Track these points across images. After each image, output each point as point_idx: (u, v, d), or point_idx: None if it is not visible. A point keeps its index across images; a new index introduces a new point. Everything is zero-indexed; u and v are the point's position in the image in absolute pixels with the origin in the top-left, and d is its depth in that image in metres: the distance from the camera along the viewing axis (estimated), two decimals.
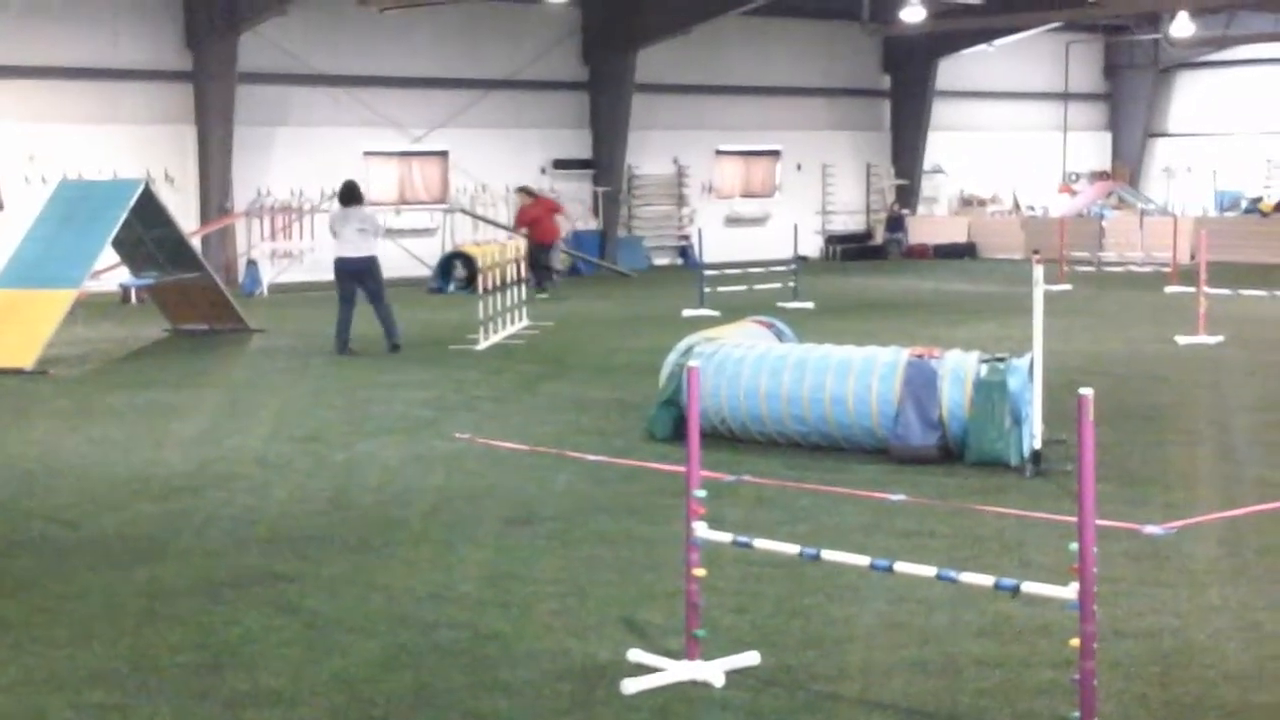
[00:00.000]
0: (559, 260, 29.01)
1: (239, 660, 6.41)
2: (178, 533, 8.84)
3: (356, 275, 17.87)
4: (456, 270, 28.36)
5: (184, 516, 9.28)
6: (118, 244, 19.58)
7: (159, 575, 7.85)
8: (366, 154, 32.45)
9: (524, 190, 28.88)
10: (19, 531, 8.93)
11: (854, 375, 11.06)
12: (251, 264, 29.05)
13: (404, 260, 29.94)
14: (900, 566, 5.89)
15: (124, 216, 18.54)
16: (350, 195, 18.22)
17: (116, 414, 13.56)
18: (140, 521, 9.18)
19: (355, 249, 17.85)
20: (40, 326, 17.16)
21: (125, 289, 23.94)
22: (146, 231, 19.56)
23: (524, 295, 21.43)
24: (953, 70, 39.86)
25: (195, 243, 22.62)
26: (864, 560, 6.04)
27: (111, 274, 22.08)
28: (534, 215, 27.49)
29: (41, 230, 18.70)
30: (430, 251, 31.17)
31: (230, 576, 7.81)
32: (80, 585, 7.65)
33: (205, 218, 29.56)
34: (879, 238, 39.04)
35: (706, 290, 23.10)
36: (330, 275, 18.49)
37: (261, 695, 5.95)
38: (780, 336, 12.90)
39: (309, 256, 29.40)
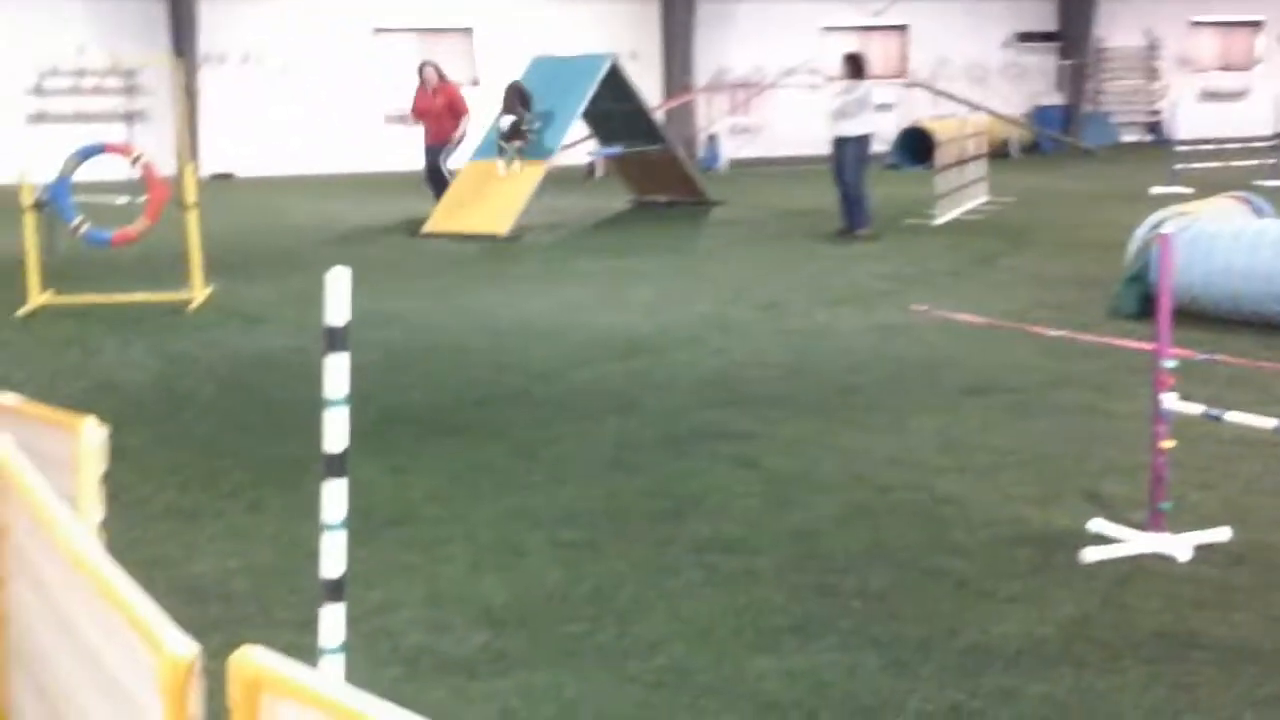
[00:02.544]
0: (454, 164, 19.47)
1: (701, 509, 6.64)
2: (643, 389, 9.19)
3: (865, 150, 17.30)
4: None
5: (648, 374, 9.63)
6: (587, 117, 20.28)
7: (626, 427, 8.19)
8: (824, 29, 32.35)
9: (431, 66, 19.92)
10: (498, 384, 9.46)
11: None
12: (711, 138, 29.55)
13: None
14: None
15: (593, 91, 19.17)
16: (858, 67, 17.45)
17: (584, 278, 14.13)
18: (608, 378, 9.58)
19: (868, 124, 17.24)
20: (516, 195, 18.01)
21: (591, 162, 24.80)
22: (614, 105, 20.16)
23: (983, 170, 21.01)
24: None
25: (659, 117, 23.16)
26: None
27: (580, 146, 22.88)
28: (430, 107, 19.56)
29: None
30: (888, 127, 30.93)
31: (692, 432, 8.07)
32: (554, 433, 8.07)
33: (668, 93, 30.21)
34: None
35: (1178, 167, 22.07)
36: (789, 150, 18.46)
37: (724, 542, 6.15)
38: (1259, 213, 12.24)
39: (767, 132, 29.65)
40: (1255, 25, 36.47)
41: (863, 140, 17.22)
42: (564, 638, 5.14)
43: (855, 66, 17.48)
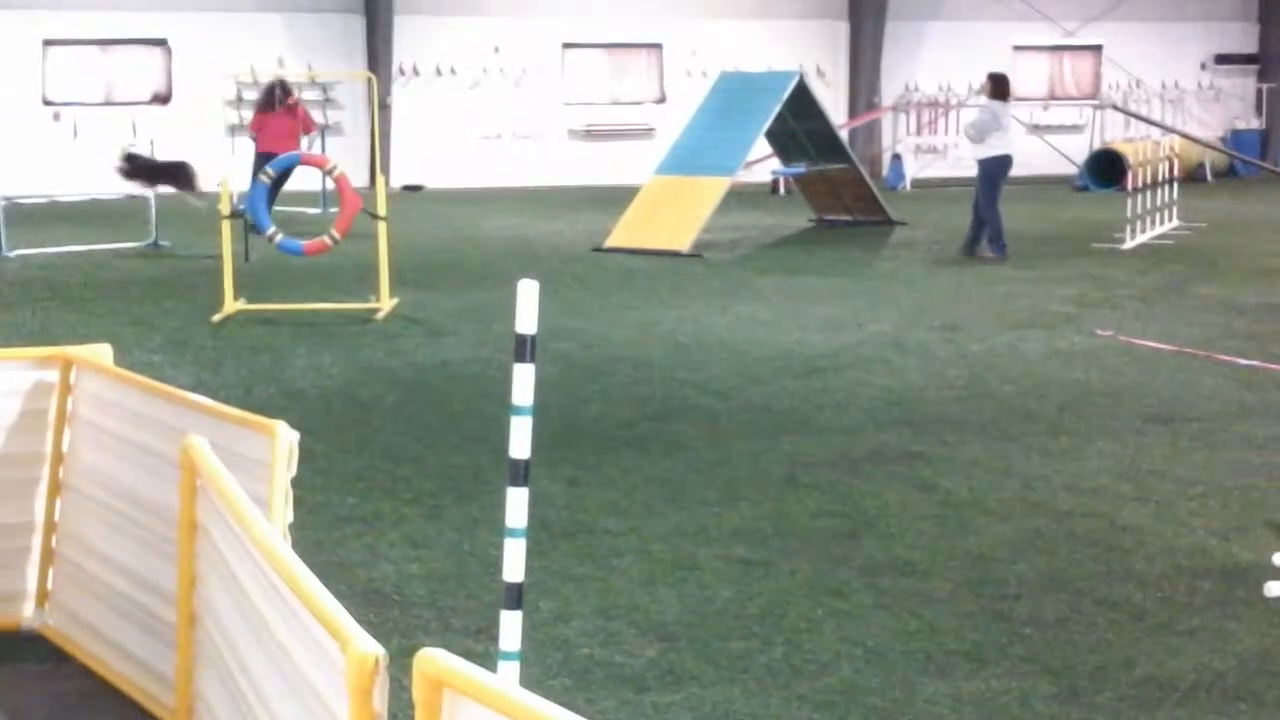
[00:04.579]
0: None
1: (875, 530, 6.63)
2: (819, 408, 9.18)
3: (1004, 172, 17.16)
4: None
5: (825, 393, 9.63)
6: (771, 135, 20.31)
7: (801, 446, 8.19)
8: (1016, 48, 31.94)
9: (279, 85, 19.51)
10: (675, 399, 9.54)
11: None
12: (896, 158, 29.35)
13: (1052, 157, 29.39)
14: None
15: (778, 108, 19.18)
16: (1003, 89, 17.54)
17: (763, 296, 14.15)
18: (784, 396, 9.59)
19: (1007, 145, 17.23)
20: (696, 212, 18.08)
21: (775, 178, 24.81)
22: (798, 123, 20.15)
23: (1174, 194, 20.58)
24: None
25: (843, 135, 23.08)
26: None
27: (763, 164, 22.90)
28: (275, 124, 18.81)
29: (701, 120, 19.66)
30: (1078, 148, 30.40)
31: (868, 452, 8.05)
32: (728, 451, 8.11)
33: (854, 111, 30.10)
34: None
35: None
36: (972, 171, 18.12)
37: (897, 565, 6.14)
38: None
39: (953, 152, 29.34)
40: None
41: (989, 162, 17.03)
42: (734, 654, 5.18)
43: (995, 87, 17.38)
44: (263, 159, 16.96)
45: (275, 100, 19.22)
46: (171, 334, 11.77)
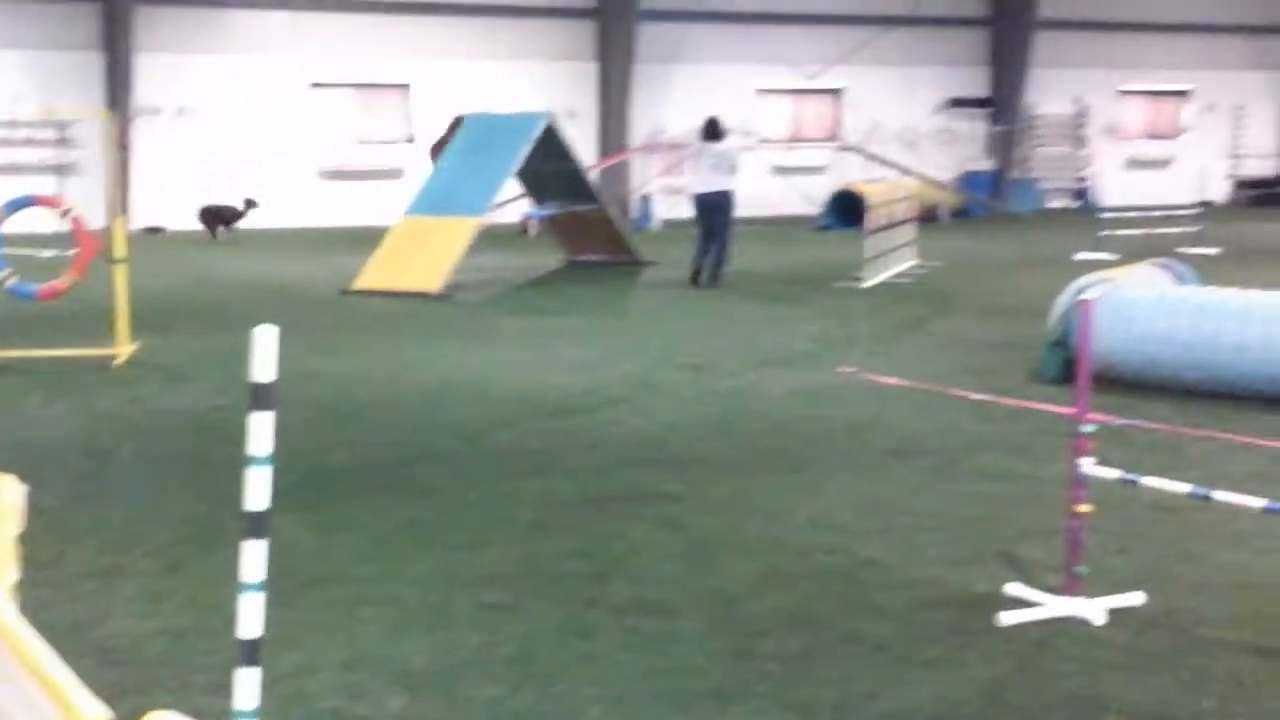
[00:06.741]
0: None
1: (623, 571, 6.66)
2: (568, 449, 9.21)
3: (705, 208, 18.38)
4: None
5: (574, 435, 9.66)
6: (522, 175, 20.37)
7: (550, 488, 8.20)
8: (760, 91, 32.68)
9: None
10: (425, 443, 9.45)
11: (1257, 320, 10.58)
12: (645, 198, 29.72)
13: (794, 198, 30.09)
14: None
15: (527, 149, 19.26)
16: (711, 131, 18.66)
17: (514, 337, 14.15)
18: (533, 438, 9.59)
19: (706, 183, 18.44)
20: (447, 253, 18.03)
21: (525, 219, 24.88)
22: (549, 164, 20.27)
23: (912, 234, 21.25)
24: None
25: (593, 177, 23.30)
26: (1258, 503, 5.82)
27: (514, 205, 22.96)
28: None
29: (451, 161, 19.64)
30: (820, 189, 31.21)
31: (616, 493, 8.09)
32: (478, 494, 8.07)
33: (604, 152, 30.37)
34: None
35: (1103, 234, 22.40)
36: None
37: (645, 604, 6.17)
38: (1180, 280, 12.44)
39: None
40: (1182, 95, 37.15)
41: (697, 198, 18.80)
42: (482, 702, 5.13)
43: (704, 128, 18.92)
44: None
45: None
46: None
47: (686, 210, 29.08)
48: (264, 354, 3.76)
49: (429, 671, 5.40)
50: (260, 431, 3.79)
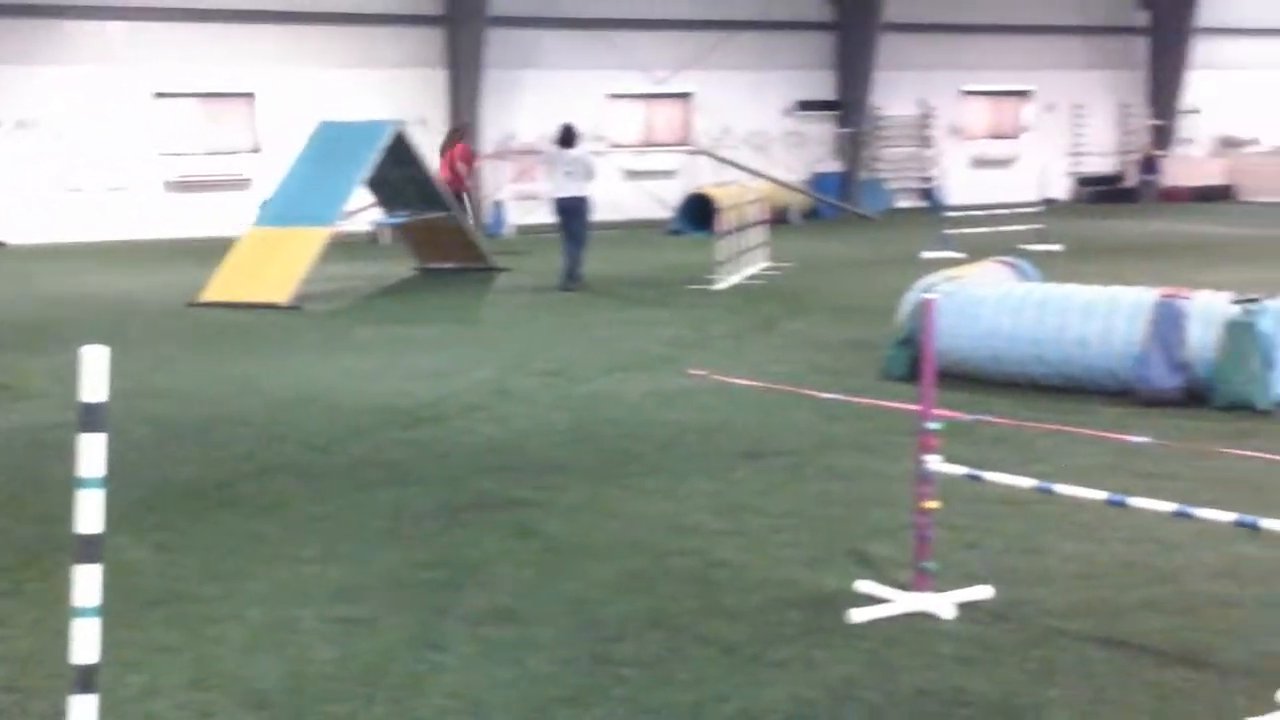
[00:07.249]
0: None
1: (478, 580, 6.61)
2: (421, 458, 9.13)
3: (563, 213, 18.52)
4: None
5: (427, 443, 9.58)
6: (372, 184, 20.18)
7: (403, 498, 8.12)
8: (611, 96, 32.74)
9: None
10: (274, 455, 9.31)
11: (1098, 315, 10.83)
12: (497, 205, 29.62)
13: (646, 202, 30.17)
14: (1136, 502, 5.78)
15: (376, 157, 19.08)
16: (564, 138, 18.77)
17: (365, 347, 14.01)
18: (386, 447, 9.50)
19: (562, 189, 18.58)
20: (296, 263, 17.80)
21: (376, 228, 24.66)
22: (399, 172, 20.10)
23: (763, 236, 21.42)
24: (1217, 4, 38.43)
25: (443, 183, 23.15)
26: (1100, 495, 5.94)
27: (364, 214, 22.74)
28: None
29: (299, 170, 19.39)
30: (672, 193, 31.34)
31: (470, 501, 8.04)
32: (330, 506, 7.96)
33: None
34: (1131, 180, 37.96)
35: (949, 232, 22.77)
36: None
37: (499, 613, 6.13)
38: (1023, 276, 12.68)
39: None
40: (1023, 95, 37.91)
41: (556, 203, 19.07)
42: (335, 718, 5.05)
43: (558, 134, 19.13)
44: None
45: None
46: None
47: (541, 216, 29.16)
48: (94, 374, 3.67)
49: (280, 689, 5.30)
50: (91, 453, 3.69)
